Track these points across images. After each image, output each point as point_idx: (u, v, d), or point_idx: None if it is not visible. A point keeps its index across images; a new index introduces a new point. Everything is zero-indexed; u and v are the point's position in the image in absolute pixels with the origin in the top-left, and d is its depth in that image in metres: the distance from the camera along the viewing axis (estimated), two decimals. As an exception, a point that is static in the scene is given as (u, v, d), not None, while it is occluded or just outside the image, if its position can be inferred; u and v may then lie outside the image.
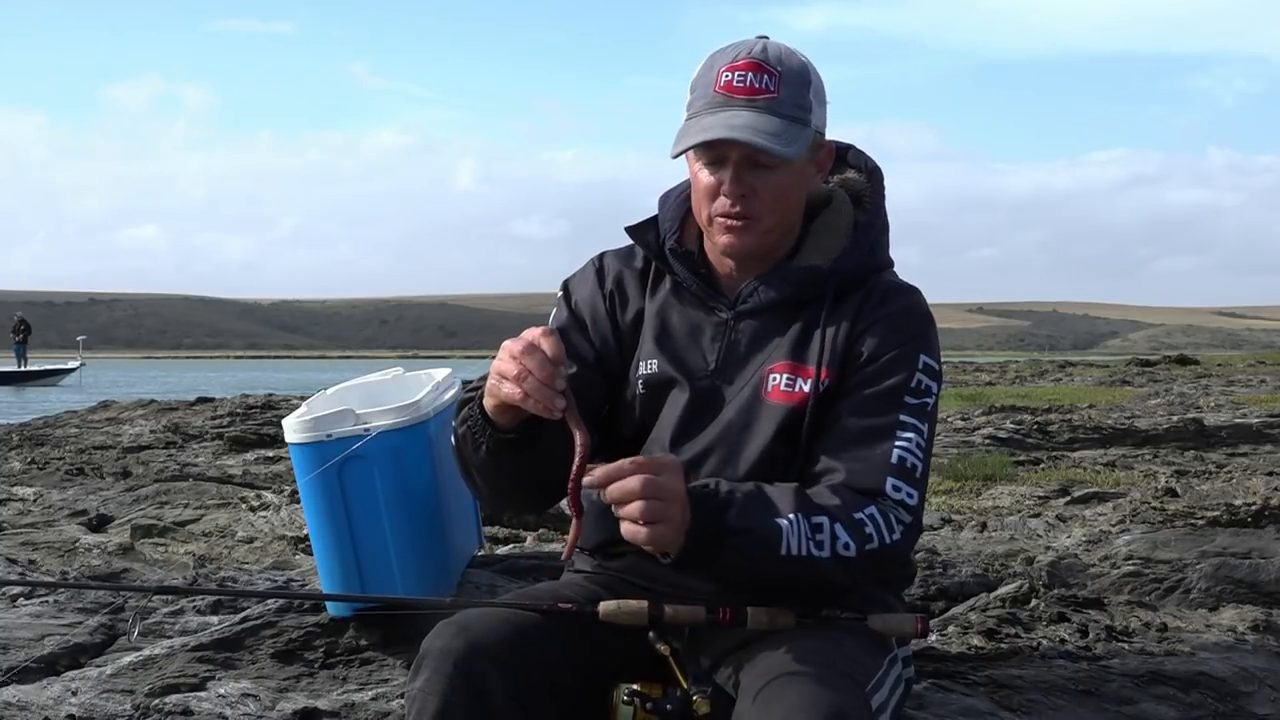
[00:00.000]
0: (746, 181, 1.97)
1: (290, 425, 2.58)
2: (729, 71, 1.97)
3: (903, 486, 1.93)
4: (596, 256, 2.22)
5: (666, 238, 2.12)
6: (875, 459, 1.94)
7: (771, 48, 2.00)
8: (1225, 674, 2.66)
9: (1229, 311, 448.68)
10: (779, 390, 2.01)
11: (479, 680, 1.80)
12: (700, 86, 2.00)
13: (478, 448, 1.92)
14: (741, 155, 1.96)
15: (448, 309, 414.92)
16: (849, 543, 1.85)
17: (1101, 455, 6.40)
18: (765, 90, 1.95)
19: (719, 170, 1.99)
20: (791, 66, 1.98)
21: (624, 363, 2.13)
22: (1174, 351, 25.74)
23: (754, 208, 1.99)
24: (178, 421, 9.15)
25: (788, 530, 1.83)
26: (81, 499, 5.20)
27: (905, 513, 1.92)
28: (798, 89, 1.98)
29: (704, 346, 2.08)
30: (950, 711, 2.44)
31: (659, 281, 2.15)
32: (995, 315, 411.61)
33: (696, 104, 1.99)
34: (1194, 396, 10.63)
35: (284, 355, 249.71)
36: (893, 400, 1.98)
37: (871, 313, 2.02)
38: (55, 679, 2.73)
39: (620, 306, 2.15)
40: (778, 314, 2.06)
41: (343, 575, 2.62)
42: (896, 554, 1.92)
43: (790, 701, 1.69)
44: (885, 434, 1.96)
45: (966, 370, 20.95)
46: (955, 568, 3.45)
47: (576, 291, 2.19)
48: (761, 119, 1.94)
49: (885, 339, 2.00)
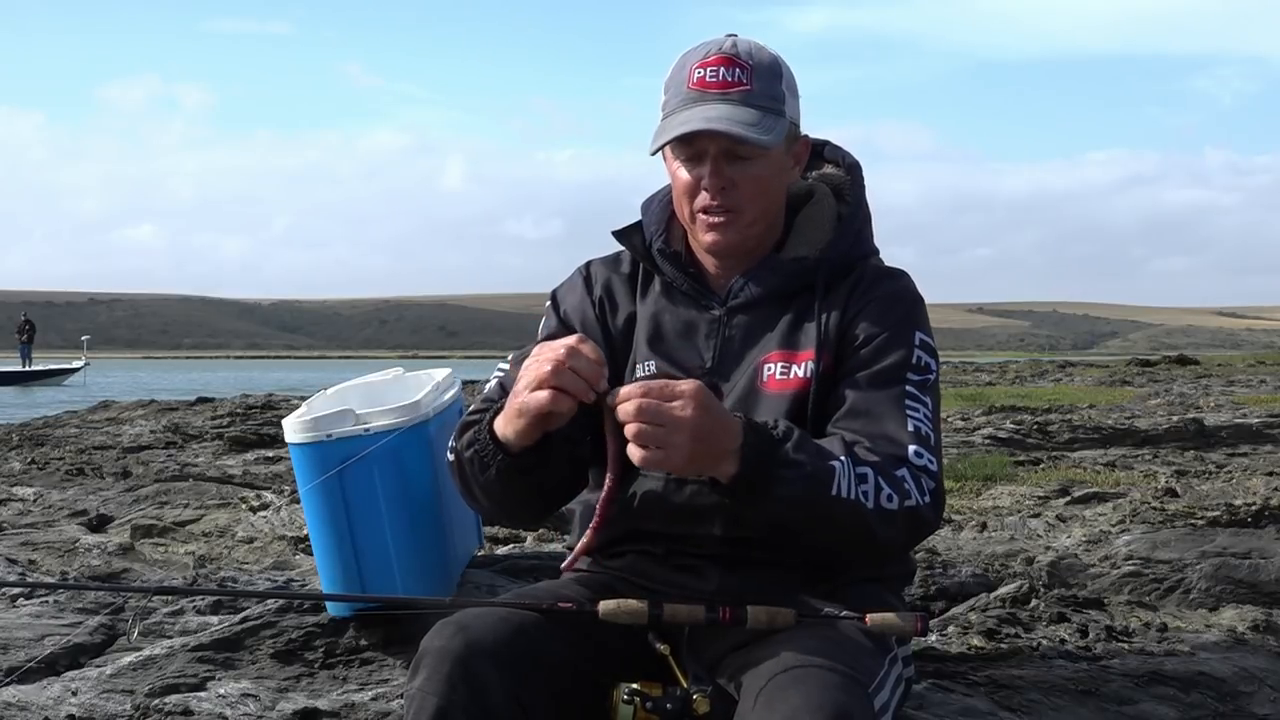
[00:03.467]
0: (726, 174, 2.00)
1: (290, 425, 2.58)
2: (701, 68, 1.99)
3: (924, 453, 1.94)
4: (583, 265, 2.24)
5: (653, 240, 2.14)
6: (892, 430, 1.95)
7: (741, 43, 2.02)
8: (1225, 674, 2.66)
9: (1229, 311, 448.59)
10: (774, 379, 2.03)
11: (478, 679, 1.79)
12: (674, 85, 2.02)
13: (485, 469, 1.94)
14: (719, 148, 1.98)
15: (447, 309, 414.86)
16: (892, 494, 1.86)
17: (1101, 455, 6.40)
18: (738, 83, 1.98)
19: (698, 166, 2.01)
20: (762, 60, 2.01)
21: (619, 368, 2.13)
22: (1174, 351, 25.72)
23: (735, 200, 2.01)
24: (178, 421, 9.15)
25: (840, 471, 1.83)
26: (81, 499, 5.20)
27: (930, 479, 1.92)
28: (770, 81, 2.00)
29: (699, 344, 2.09)
30: (950, 711, 2.44)
31: (648, 284, 2.17)
32: (995, 315, 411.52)
33: (671, 102, 2.02)
34: (1194, 396, 10.62)
35: (284, 355, 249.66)
36: (896, 377, 1.99)
37: (863, 296, 2.05)
38: (55, 679, 2.73)
39: (611, 312, 2.17)
40: (769, 307, 2.07)
41: (343, 575, 2.62)
42: (929, 520, 1.92)
43: (794, 703, 1.69)
44: (896, 408, 1.97)
45: (966, 370, 20.94)
46: (955, 568, 3.44)
47: (565, 301, 2.21)
48: (737, 110, 1.96)
49: (878, 320, 2.03)
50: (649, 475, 2.07)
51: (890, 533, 1.88)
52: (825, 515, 1.83)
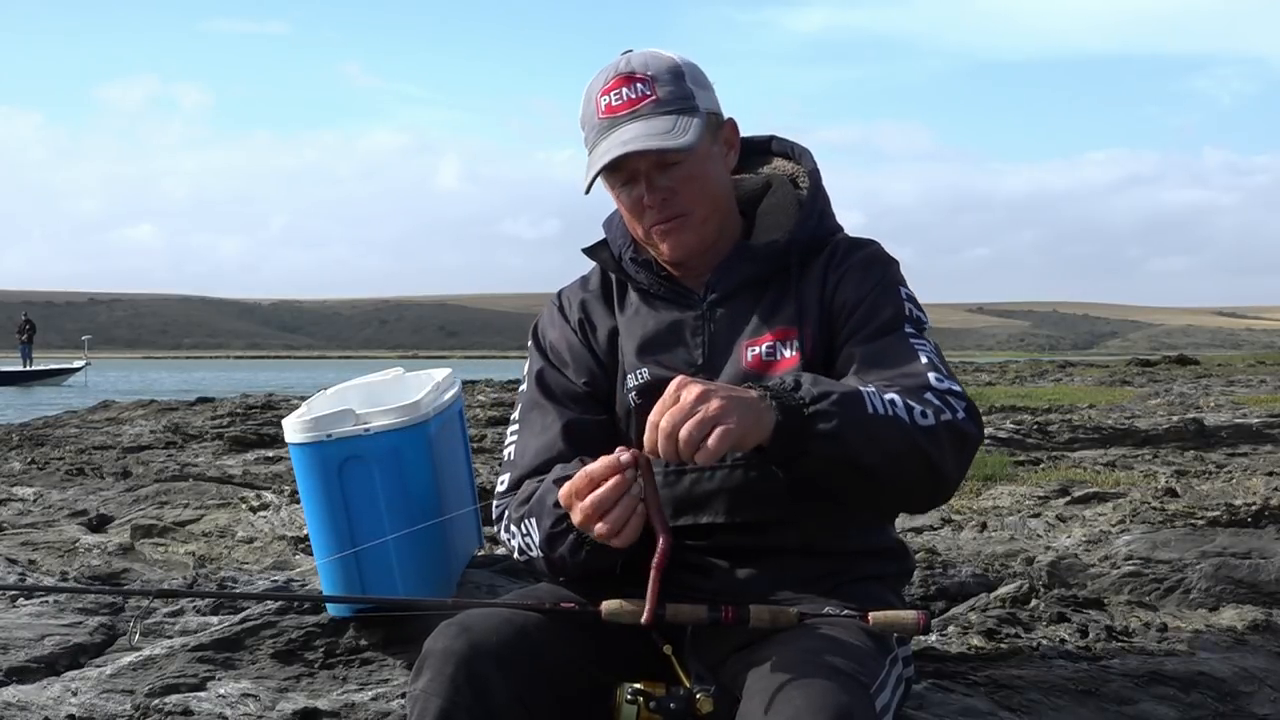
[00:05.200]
0: (662, 186, 2.03)
1: (290, 425, 2.58)
2: (604, 95, 2.04)
3: (944, 379, 1.92)
4: (555, 295, 2.29)
5: (622, 251, 2.17)
6: (906, 367, 1.93)
7: (635, 58, 2.06)
8: (1225, 674, 2.65)
9: (1229, 311, 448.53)
10: (759, 360, 2.04)
11: (481, 681, 1.80)
12: (587, 120, 2.07)
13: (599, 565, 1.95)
14: (648, 164, 2.02)
15: (447, 309, 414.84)
16: (925, 411, 1.83)
17: (1101, 455, 6.39)
18: (643, 97, 2.01)
19: (634, 188, 2.04)
20: (660, 67, 2.04)
21: (612, 385, 2.16)
22: (1174, 351, 25.70)
23: (680, 205, 2.04)
24: (178, 421, 9.15)
25: (868, 394, 1.81)
26: (81, 499, 5.20)
27: (959, 398, 1.89)
28: (674, 83, 2.03)
29: (687, 343, 2.11)
30: (950, 711, 2.44)
31: (623, 296, 2.20)
32: (995, 315, 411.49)
33: (590, 137, 2.06)
34: (1194, 396, 10.61)
35: (284, 355, 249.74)
36: (894, 328, 2.00)
37: (839, 267, 2.07)
38: (55, 679, 2.73)
39: (591, 332, 2.20)
40: (749, 294, 2.09)
41: (343, 575, 2.62)
42: (970, 432, 1.88)
43: (797, 704, 1.69)
44: (903, 348, 1.97)
45: (966, 370, 20.93)
46: (955, 568, 3.44)
47: (547, 335, 2.24)
48: (649, 124, 1.99)
49: (860, 284, 2.05)
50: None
51: (938, 451, 1.82)
52: (872, 438, 1.77)
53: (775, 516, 2.02)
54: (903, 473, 1.82)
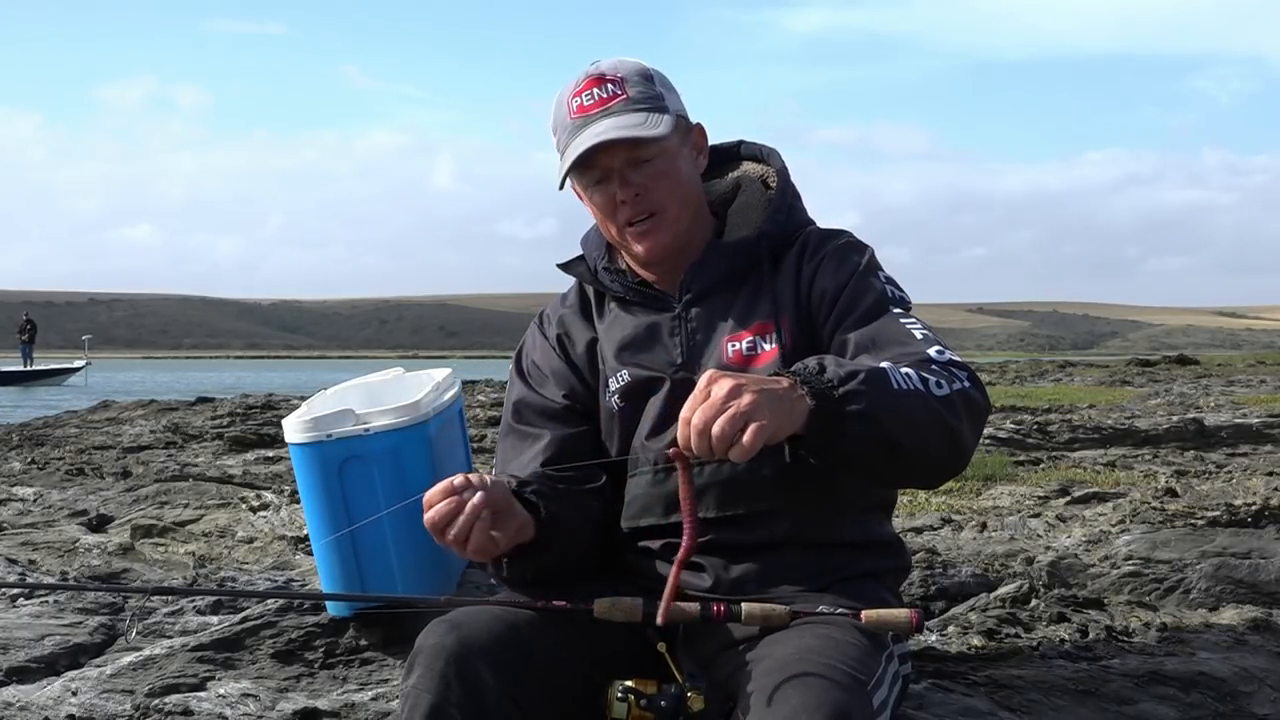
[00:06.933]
0: (635, 181, 2.06)
1: (290, 425, 2.59)
2: (576, 97, 2.07)
3: (944, 350, 1.92)
4: (535, 317, 2.32)
5: (596, 263, 2.20)
6: (903, 344, 1.94)
7: (605, 63, 2.09)
8: (1225, 674, 2.65)
9: (1229, 311, 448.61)
10: (740, 355, 2.05)
11: (472, 677, 1.80)
12: (559, 123, 2.09)
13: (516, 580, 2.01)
14: (620, 160, 2.04)
15: (447, 309, 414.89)
16: (940, 381, 1.82)
17: (1101, 455, 6.39)
18: (614, 96, 2.05)
19: (607, 185, 2.07)
20: (630, 70, 2.09)
21: (594, 395, 2.19)
22: (1174, 351, 25.69)
23: (653, 201, 2.06)
24: (178, 421, 9.15)
25: (889, 370, 1.80)
26: (81, 499, 5.20)
27: (961, 368, 1.89)
28: (643, 84, 2.07)
29: (666, 344, 2.12)
30: (950, 711, 2.44)
31: (602, 307, 2.22)
32: (995, 315, 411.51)
33: (562, 138, 2.08)
34: (1194, 396, 10.61)
35: (284, 355, 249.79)
36: (881, 311, 2.01)
37: (813, 257, 2.09)
38: (55, 679, 2.73)
39: (570, 346, 2.23)
40: (724, 291, 2.11)
41: (343, 575, 2.62)
42: (980, 401, 1.87)
43: (794, 702, 1.68)
44: (896, 327, 1.97)
45: (966, 370, 20.89)
46: (955, 568, 3.44)
47: (529, 355, 2.27)
48: (621, 119, 2.03)
49: (836, 271, 2.06)
50: (638, 473, 2.11)
51: (957, 420, 1.81)
52: (901, 413, 1.75)
53: (766, 508, 2.02)
54: (929, 445, 1.81)
